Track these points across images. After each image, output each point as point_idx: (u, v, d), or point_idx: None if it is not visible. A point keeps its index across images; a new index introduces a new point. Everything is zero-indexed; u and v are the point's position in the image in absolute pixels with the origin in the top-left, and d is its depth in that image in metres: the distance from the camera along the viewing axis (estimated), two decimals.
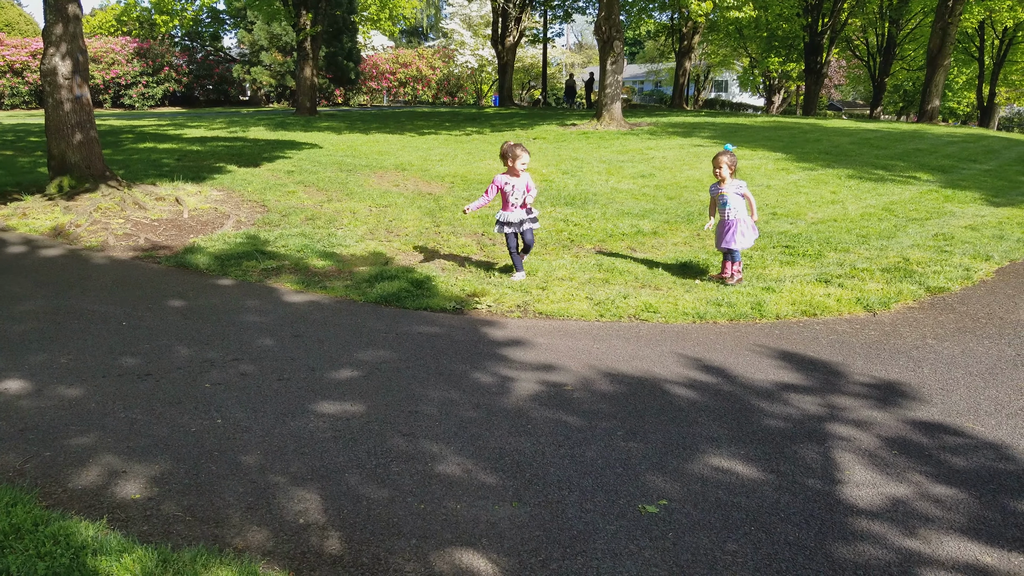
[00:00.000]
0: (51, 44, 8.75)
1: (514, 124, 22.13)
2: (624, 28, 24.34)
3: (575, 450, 3.45)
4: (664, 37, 39.63)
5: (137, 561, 2.52)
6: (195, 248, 7.20)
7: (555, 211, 9.01)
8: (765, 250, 7.21)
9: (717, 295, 5.84)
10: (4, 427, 3.59)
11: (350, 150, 15.39)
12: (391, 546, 2.73)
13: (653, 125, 20.79)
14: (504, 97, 36.02)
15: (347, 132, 19.79)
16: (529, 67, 50.96)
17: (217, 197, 9.67)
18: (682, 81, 37.43)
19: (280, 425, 3.67)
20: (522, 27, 35.52)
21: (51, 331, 4.97)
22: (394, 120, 24.67)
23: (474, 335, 5.07)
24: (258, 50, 39.09)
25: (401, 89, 45.94)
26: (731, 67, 48.35)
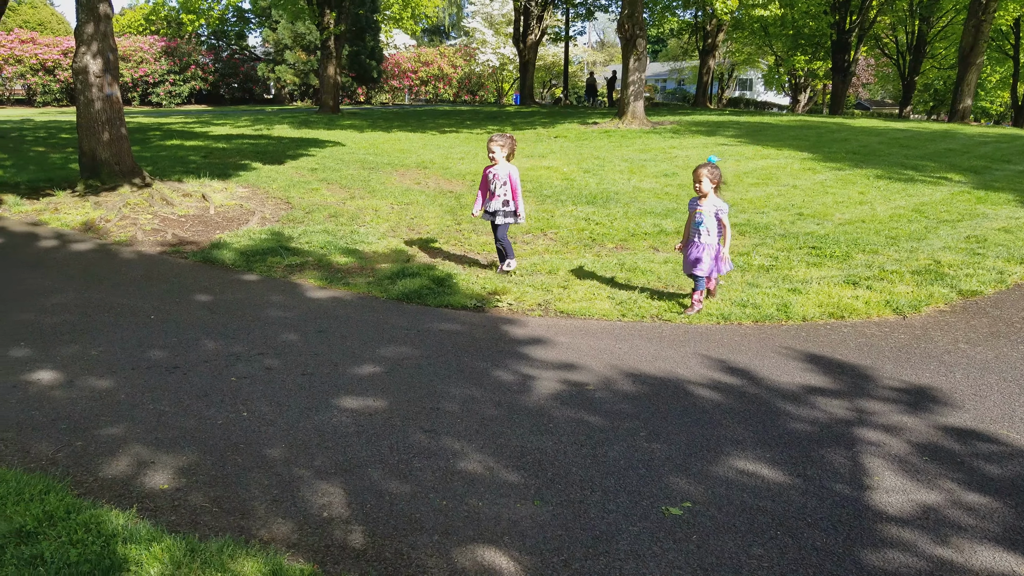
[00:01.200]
0: (82, 43, 8.88)
1: (535, 122, 22.12)
2: (647, 26, 24.25)
3: (597, 450, 3.45)
4: (688, 35, 39.38)
5: (166, 550, 2.56)
6: (221, 244, 7.28)
7: (576, 210, 9.00)
8: (791, 251, 7.15)
9: (742, 296, 5.80)
10: (37, 417, 3.66)
11: (372, 148, 15.48)
12: (414, 541, 2.75)
13: (676, 124, 20.68)
14: (525, 95, 36.02)
15: (369, 130, 19.90)
16: (551, 65, 50.90)
17: (242, 194, 9.76)
18: (706, 79, 37.19)
19: (304, 419, 3.71)
20: (544, 25, 35.49)
21: (82, 324, 5.05)
22: (415, 118, 24.75)
23: (495, 333, 5.08)
24: (282, 49, 39.39)
25: (422, 88, 46.09)
26: (756, 65, 47.95)
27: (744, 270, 6.57)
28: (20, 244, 7.26)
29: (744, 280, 6.30)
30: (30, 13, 49.86)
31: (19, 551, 2.54)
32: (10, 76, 34.62)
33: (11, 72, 34.47)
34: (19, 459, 3.26)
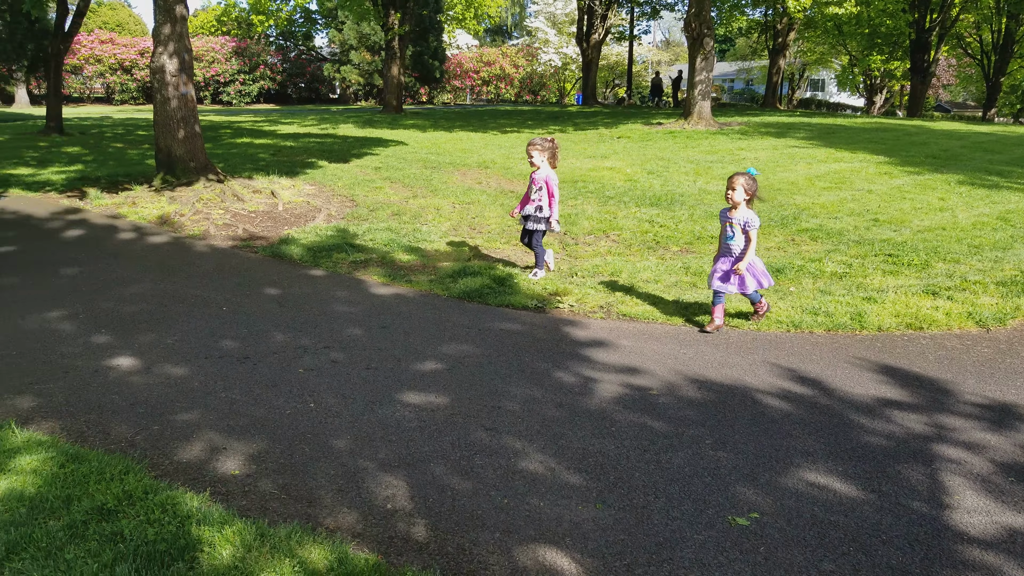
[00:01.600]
0: (160, 43, 9.20)
1: (597, 122, 22.00)
2: (715, 24, 23.88)
3: (661, 456, 3.41)
4: (757, 34, 38.56)
5: (237, 534, 2.63)
6: (289, 239, 7.45)
7: (640, 211, 8.92)
8: (866, 258, 6.93)
9: (814, 303, 5.65)
10: (117, 400, 3.81)
11: (434, 148, 15.63)
12: (475, 538, 2.76)
13: (744, 125, 20.31)
14: (588, 95, 35.85)
15: (431, 130, 20.10)
16: (614, 65, 50.57)
17: (309, 191, 9.97)
18: (775, 80, 36.37)
19: (368, 412, 3.76)
20: (608, 24, 35.28)
21: (158, 313, 5.24)
22: (477, 118, 24.90)
23: (556, 334, 5.07)
24: (348, 49, 40.14)
25: (484, 88, 46.35)
26: (829, 65, 46.65)
27: (816, 277, 6.40)
28: (101, 236, 7.56)
29: (816, 287, 6.14)
30: (109, 15, 51.94)
31: (100, 528, 2.65)
32: (90, 75, 36.18)
33: (91, 71, 36.01)
34: (100, 440, 3.40)
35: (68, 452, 3.20)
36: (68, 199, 9.22)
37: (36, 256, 6.72)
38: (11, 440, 3.29)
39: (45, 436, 3.39)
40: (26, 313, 5.16)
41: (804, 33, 37.99)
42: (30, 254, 6.79)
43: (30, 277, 6.06)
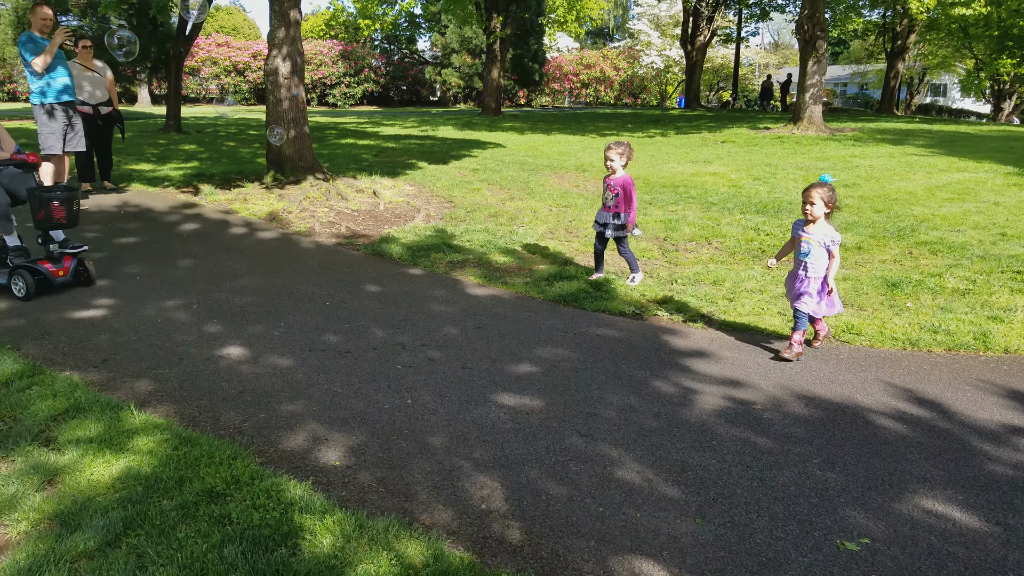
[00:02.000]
0: (274, 47, 9.57)
1: (700, 126, 21.55)
2: (829, 26, 22.98)
3: (765, 473, 3.27)
4: (874, 36, 36.87)
5: (337, 524, 2.69)
6: (389, 238, 7.61)
7: (744, 219, 8.65)
8: (991, 274, 6.48)
9: (933, 321, 5.32)
10: (227, 388, 3.98)
11: (532, 150, 15.67)
12: (570, 544, 2.72)
13: (858, 131, 19.45)
14: (690, 99, 35.22)
15: (529, 132, 20.18)
16: (719, 68, 49.47)
17: (409, 191, 10.17)
18: (893, 84, 34.69)
19: (464, 411, 3.78)
20: (714, 26, 34.55)
21: (266, 305, 5.45)
22: (575, 121, 24.83)
23: (654, 342, 4.96)
24: (449, 52, 40.85)
25: (583, 90, 46.18)
26: (952, 69, 44.04)
27: (936, 293, 6.03)
28: (214, 230, 7.93)
29: (935, 304, 5.78)
30: (226, 19, 54.64)
31: (210, 509, 2.76)
32: (207, 76, 38.18)
33: (207, 73, 38.00)
34: (211, 425, 3.55)
35: (181, 435, 3.35)
36: (185, 194, 9.72)
37: (156, 248, 7.11)
38: (130, 421, 3.47)
39: (161, 419, 3.56)
40: (146, 301, 5.46)
41: (926, 35, 35.99)
42: (150, 245, 7.19)
43: (150, 267, 6.41)
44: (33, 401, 3.66)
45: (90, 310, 5.22)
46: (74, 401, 3.66)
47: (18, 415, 3.53)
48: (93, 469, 3.04)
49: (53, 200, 5.40)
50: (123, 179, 10.44)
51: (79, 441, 3.26)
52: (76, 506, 2.78)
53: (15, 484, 2.92)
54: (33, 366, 4.13)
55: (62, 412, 3.55)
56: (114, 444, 3.24)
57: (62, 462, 3.10)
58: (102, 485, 2.93)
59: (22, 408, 3.60)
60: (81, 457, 3.13)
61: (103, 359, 4.34)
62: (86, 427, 3.39)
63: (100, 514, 2.72)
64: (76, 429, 3.37)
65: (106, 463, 3.08)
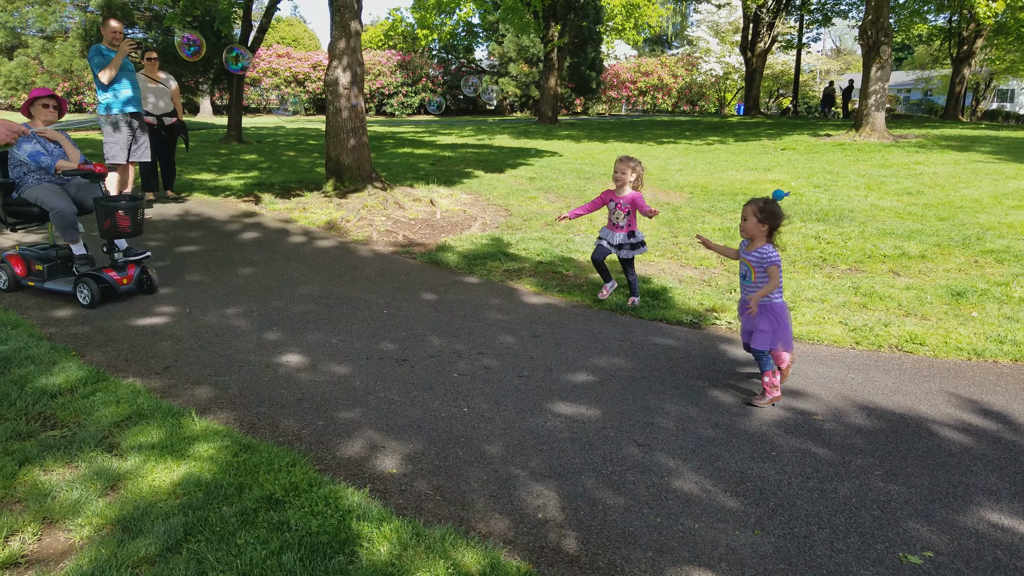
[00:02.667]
0: (335, 57, 9.78)
1: (760, 134, 21.20)
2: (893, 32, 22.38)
3: (825, 484, 3.20)
4: (939, 41, 35.79)
5: (394, 531, 2.72)
6: (446, 247, 7.68)
7: (805, 227, 8.47)
8: None
9: (999, 331, 5.13)
10: (286, 395, 4.06)
11: (588, 158, 15.64)
12: (627, 555, 2.70)
13: (922, 137, 18.88)
14: (750, 106, 34.70)
15: (586, 141, 20.14)
16: (779, 74, 48.57)
17: (465, 200, 10.26)
18: (958, 90, 33.56)
19: (520, 420, 3.79)
20: (775, 32, 33.98)
21: (325, 313, 5.55)
22: (632, 129, 24.70)
23: (712, 351, 4.90)
24: (506, 61, 41.09)
25: (640, 98, 45.89)
26: (1019, 74, 42.43)
27: (1002, 302, 5.82)
28: (275, 239, 8.13)
29: (1002, 313, 5.57)
30: (287, 30, 56.01)
31: (269, 516, 2.81)
32: (267, 87, 39.16)
33: (268, 83, 38.97)
34: (270, 432, 3.62)
35: (241, 442, 3.40)
36: (245, 203, 9.99)
37: (217, 256, 7.31)
38: (191, 428, 3.55)
39: (221, 426, 3.63)
40: (207, 309, 5.61)
41: (993, 40, 34.76)
42: (212, 254, 7.40)
43: (211, 275, 6.60)
44: (97, 407, 3.75)
45: (152, 317, 5.38)
46: (136, 407, 3.74)
47: (82, 421, 3.63)
48: (155, 475, 3.11)
49: (119, 209, 5.55)
50: (185, 188, 10.79)
51: (141, 447, 3.34)
52: (138, 512, 2.84)
53: (79, 489, 2.99)
54: (97, 373, 4.23)
55: (125, 418, 3.64)
56: (175, 450, 3.32)
57: (124, 468, 3.17)
58: (163, 491, 3.00)
59: (86, 414, 3.69)
60: (143, 463, 3.20)
61: (165, 366, 4.46)
62: (148, 433, 3.47)
63: (161, 520, 2.78)
64: (138, 435, 3.46)
65: (167, 469, 3.15)
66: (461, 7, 27.56)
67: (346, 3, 9.66)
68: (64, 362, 4.36)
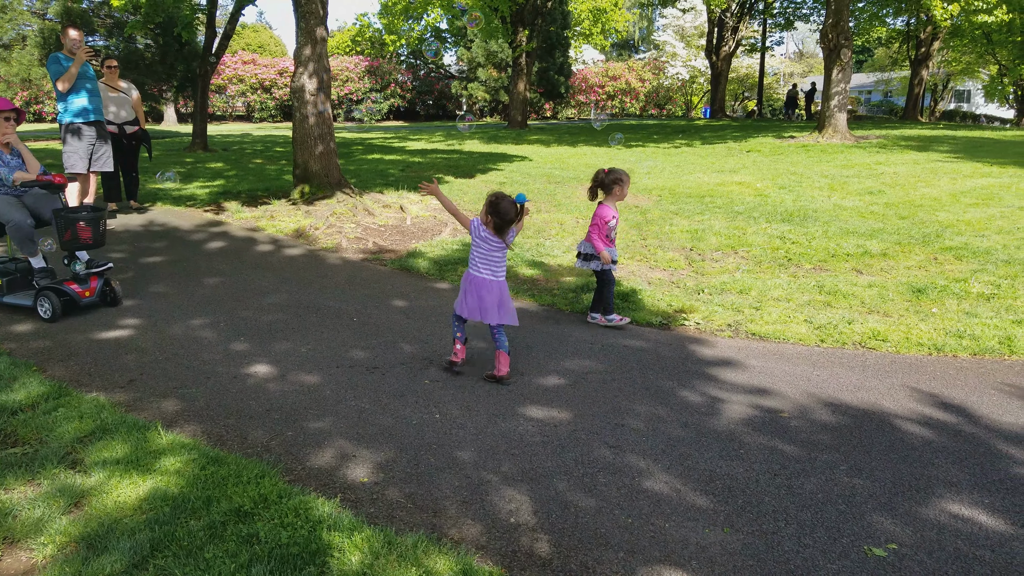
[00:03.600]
0: (301, 64, 9.72)
1: (726, 136, 21.46)
2: (853, 35, 22.81)
3: (792, 481, 3.25)
4: (898, 44, 36.59)
5: (366, 540, 2.71)
6: (416, 253, 7.67)
7: (770, 227, 8.59)
8: (1017, 279, 6.39)
9: (958, 326, 5.26)
10: (254, 406, 4.02)
11: (558, 162, 15.70)
12: (599, 556, 2.72)
13: (883, 138, 19.25)
14: (716, 109, 35.14)
15: (555, 145, 20.23)
16: (743, 77, 49.24)
17: (436, 205, 10.23)
18: (917, 91, 34.35)
19: (492, 425, 3.80)
20: (739, 36, 34.46)
21: (293, 322, 5.51)
22: (601, 133, 24.84)
23: (681, 352, 4.95)
24: (475, 67, 41.14)
25: (608, 102, 46.22)
26: (976, 76, 43.46)
27: (961, 298, 5.96)
28: (241, 248, 8.05)
29: (960, 309, 5.71)
30: (252, 36, 55.45)
31: (237, 529, 2.78)
32: (233, 94, 38.77)
33: (234, 91, 38.59)
34: (238, 444, 3.58)
35: (208, 455, 3.35)
36: (211, 212, 9.87)
37: (182, 266, 7.21)
38: (157, 441, 3.49)
39: (188, 439, 3.57)
40: (173, 320, 5.53)
41: (949, 42, 35.58)
42: (177, 264, 7.30)
43: (177, 286, 6.50)
44: (59, 423, 3.66)
45: (116, 330, 5.28)
46: (100, 422, 3.66)
47: (44, 437, 3.54)
48: (120, 491, 3.05)
49: (79, 221, 5.45)
50: (149, 198, 10.62)
51: (105, 463, 3.28)
52: (102, 528, 2.79)
53: (41, 507, 2.92)
54: (59, 388, 4.14)
55: (88, 434, 3.56)
56: (141, 465, 3.26)
57: (88, 484, 3.10)
58: (129, 507, 2.95)
59: (48, 430, 3.60)
60: (108, 479, 3.14)
61: (130, 379, 4.38)
62: (112, 448, 3.41)
63: (127, 536, 2.73)
64: (102, 451, 3.39)
65: (133, 484, 3.09)
66: (429, 12, 27.54)
67: (311, 9, 9.61)
68: (25, 378, 4.27)
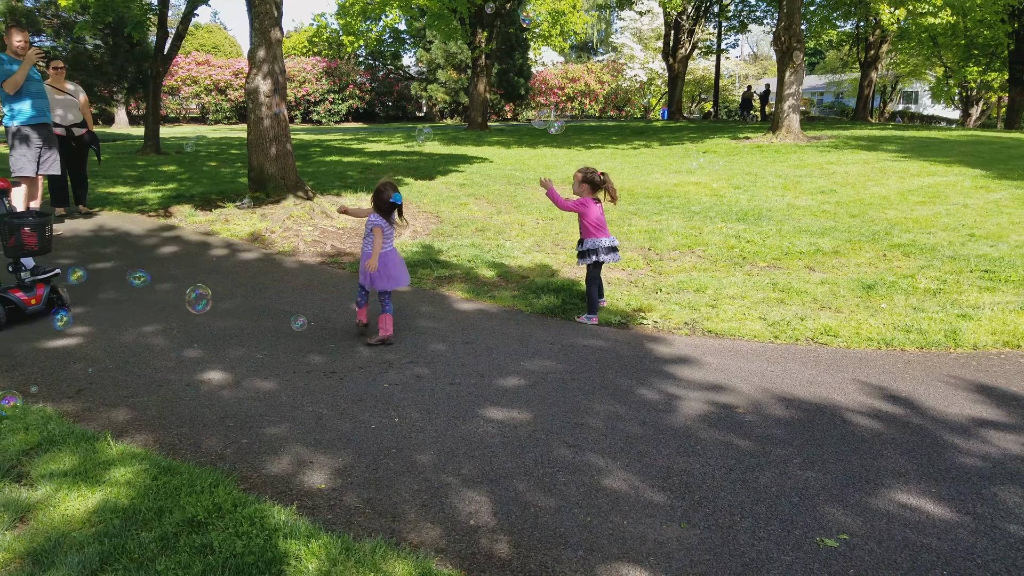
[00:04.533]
0: (255, 66, 9.60)
1: (683, 137, 21.73)
2: (805, 37, 23.27)
3: (747, 475, 3.31)
4: (848, 46, 37.46)
5: (323, 547, 2.68)
6: None
7: (726, 227, 8.73)
8: (961, 274, 6.59)
9: (906, 320, 5.41)
10: (208, 414, 3.96)
11: (519, 164, 15.73)
12: (558, 555, 2.74)
13: (834, 138, 19.68)
14: (673, 110, 35.54)
15: (516, 146, 20.26)
16: (700, 79, 49.90)
17: None
18: (867, 92, 35.19)
19: (452, 427, 3.79)
20: (695, 39, 34.91)
21: (249, 328, 5.44)
22: (561, 135, 24.94)
23: (640, 350, 5.00)
24: (435, 68, 41.01)
25: (568, 104, 46.48)
26: (923, 77, 44.75)
27: (908, 293, 6.12)
28: (195, 252, 7.92)
29: (908, 304, 5.87)
30: (206, 37, 54.50)
31: (191, 539, 2.73)
32: (187, 96, 38.06)
33: (188, 92, 37.88)
34: (192, 453, 3.52)
35: (161, 464, 3.29)
36: (163, 217, 9.67)
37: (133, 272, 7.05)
38: (107, 452, 3.41)
39: (139, 448, 3.50)
40: (122, 327, 5.41)
41: (897, 45, 36.60)
42: (127, 270, 7.12)
43: (127, 292, 6.35)
44: (3, 436, 3.55)
45: (64, 339, 5.14)
46: (47, 434, 3.56)
47: None
48: (68, 504, 2.97)
49: (24, 226, 5.31)
50: (99, 203, 10.36)
51: (53, 475, 3.19)
52: (50, 543, 2.71)
53: None
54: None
55: (35, 446, 3.46)
56: (90, 477, 3.17)
57: (35, 498, 3.02)
58: (77, 520, 2.87)
59: None
60: (55, 492, 3.05)
61: (78, 389, 4.27)
62: (60, 460, 3.32)
63: (75, 550, 2.66)
64: (49, 463, 3.29)
65: (81, 497, 3.02)
66: (387, 13, 27.38)
67: (266, 10, 9.50)
68: None
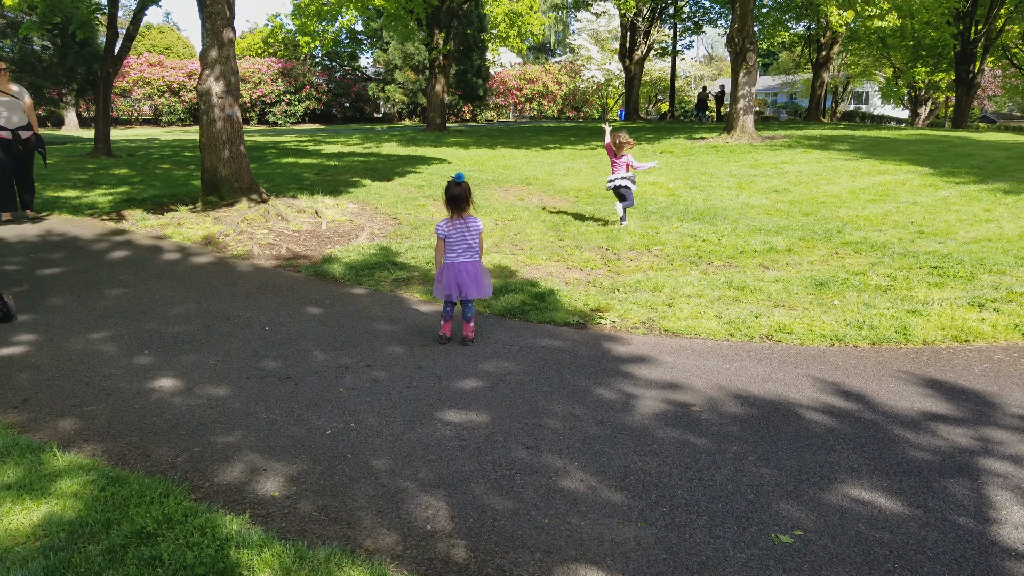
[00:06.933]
0: (207, 66, 9.42)
1: (640, 137, 21.91)
2: (758, 39, 23.66)
3: (703, 473, 3.34)
4: (800, 48, 38.24)
5: (276, 556, 2.63)
6: (331, 258, 7.53)
7: (682, 226, 8.83)
8: (911, 271, 6.76)
9: (858, 317, 5.52)
10: (158, 422, 3.86)
11: (477, 165, 15.71)
12: (516, 558, 2.73)
13: (788, 138, 20.03)
14: (631, 111, 35.82)
15: (474, 147, 20.23)
16: (657, 80, 50.42)
17: (352, 210, 10.10)
18: (819, 93, 35.92)
19: (409, 431, 3.76)
20: (651, 40, 35.24)
21: (201, 333, 5.33)
22: (520, 135, 25.01)
23: (597, 350, 5.02)
24: (392, 69, 40.74)
25: (527, 105, 46.58)
26: (873, 78, 45.92)
27: (860, 290, 6.26)
28: (146, 257, 7.74)
29: (860, 300, 6.00)
30: (158, 38, 53.48)
31: (139, 552, 2.66)
32: (139, 97, 37.23)
33: (140, 94, 37.07)
34: (141, 463, 3.43)
35: (109, 475, 3.21)
36: (114, 221, 9.45)
37: (82, 277, 6.87)
38: (53, 464, 3.31)
39: (86, 459, 3.41)
40: (70, 335, 5.27)
41: (848, 46, 37.51)
42: (76, 276, 6.95)
43: (75, 298, 6.19)
44: None
45: (9, 347, 4.99)
46: None
47: None
48: (11, 517, 2.88)
49: None
50: (47, 207, 10.08)
51: None
52: None
53: None
54: None
55: None
56: (35, 489, 3.08)
57: None
58: (21, 534, 2.78)
59: None
60: None
61: (23, 399, 4.15)
62: (3, 473, 3.21)
63: (19, 565, 2.58)
64: None
65: (26, 510, 2.92)
66: (343, 14, 27.10)
67: (217, 10, 9.33)
68: None
